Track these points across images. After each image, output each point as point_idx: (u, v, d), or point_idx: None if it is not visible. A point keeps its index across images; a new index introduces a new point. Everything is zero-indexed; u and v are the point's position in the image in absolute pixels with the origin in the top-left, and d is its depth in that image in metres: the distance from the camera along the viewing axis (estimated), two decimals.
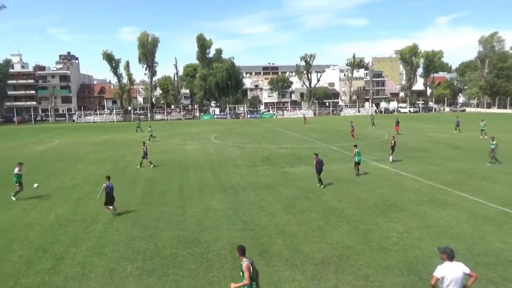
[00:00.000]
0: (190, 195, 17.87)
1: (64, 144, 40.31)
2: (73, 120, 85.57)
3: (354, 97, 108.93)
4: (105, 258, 10.96)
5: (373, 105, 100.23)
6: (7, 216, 15.11)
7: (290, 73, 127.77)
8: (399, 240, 11.84)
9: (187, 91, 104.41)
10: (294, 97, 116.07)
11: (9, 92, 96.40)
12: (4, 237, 12.85)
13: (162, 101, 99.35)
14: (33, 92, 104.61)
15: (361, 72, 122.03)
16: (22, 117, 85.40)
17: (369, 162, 25.23)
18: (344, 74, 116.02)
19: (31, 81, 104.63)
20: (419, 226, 12.96)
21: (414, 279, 9.39)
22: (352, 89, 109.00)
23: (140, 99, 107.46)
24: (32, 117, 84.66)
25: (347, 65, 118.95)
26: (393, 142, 25.59)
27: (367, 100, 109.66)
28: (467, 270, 6.58)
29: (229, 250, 11.31)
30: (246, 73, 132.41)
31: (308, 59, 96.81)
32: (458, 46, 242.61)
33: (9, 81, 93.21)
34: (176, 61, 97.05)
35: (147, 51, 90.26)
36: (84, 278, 9.80)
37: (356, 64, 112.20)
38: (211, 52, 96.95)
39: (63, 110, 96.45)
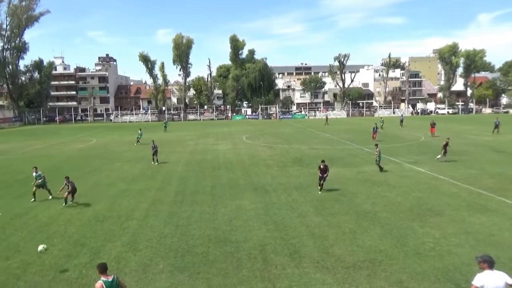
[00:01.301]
0: (222, 194, 18.05)
1: (102, 143, 41.83)
2: (111, 120, 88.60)
3: (389, 97, 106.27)
4: (139, 254, 11.25)
5: (409, 106, 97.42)
6: (49, 211, 15.84)
7: (323, 74, 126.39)
8: (435, 245, 11.41)
9: (220, 91, 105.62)
10: (327, 98, 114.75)
11: (52, 93, 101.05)
12: (46, 231, 13.48)
13: (195, 102, 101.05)
14: (73, 92, 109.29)
15: (397, 72, 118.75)
16: (63, 116, 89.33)
17: (404, 164, 24.53)
18: (379, 74, 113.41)
19: (72, 82, 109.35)
20: (456, 232, 12.44)
21: (450, 287, 9.02)
22: (387, 89, 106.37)
23: (174, 100, 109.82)
24: (73, 117, 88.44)
25: (382, 65, 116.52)
26: (446, 142, 25.32)
27: (403, 101, 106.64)
28: (510, 281, 6.23)
29: (259, 250, 11.33)
30: (279, 74, 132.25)
31: (342, 59, 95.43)
32: (502, 45, 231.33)
33: (52, 82, 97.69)
34: (209, 62, 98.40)
35: (182, 52, 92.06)
36: (119, 272, 10.09)
37: (392, 64, 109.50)
38: (244, 53, 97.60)
39: (101, 110, 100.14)
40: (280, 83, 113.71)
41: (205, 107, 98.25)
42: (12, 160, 30.61)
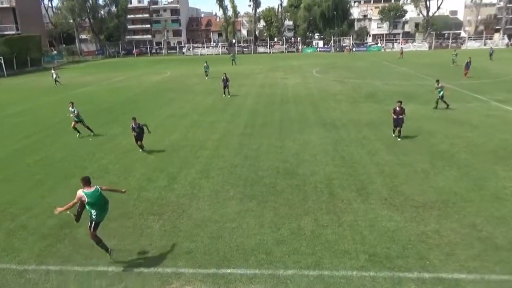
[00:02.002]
0: (290, 128, 18.11)
1: (175, 75, 43.39)
2: (183, 53, 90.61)
3: (481, 27, 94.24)
4: (211, 181, 11.99)
5: (505, 36, 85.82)
6: (131, 139, 17.18)
7: (405, 1, 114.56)
8: None
9: (291, 23, 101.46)
10: (407, 28, 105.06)
11: (128, 26, 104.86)
12: (129, 156, 14.81)
13: (265, 34, 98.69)
14: (148, 26, 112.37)
15: None
16: (140, 49, 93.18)
17: (491, 102, 22.31)
18: (471, 0, 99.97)
19: (146, 15, 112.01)
20: None
21: None
22: (479, 17, 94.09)
23: (244, 32, 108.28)
24: (148, 50, 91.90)
25: None
26: None
27: (497, 30, 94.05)
28: None
29: (325, 184, 11.43)
30: (354, 2, 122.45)
31: None
32: None
33: (128, 16, 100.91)
34: None
35: None
36: (193, 196, 10.94)
37: None
38: None
39: (174, 43, 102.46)
40: (355, 12, 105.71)
41: (275, 39, 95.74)
42: (97, 91, 33.21)
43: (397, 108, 15.28)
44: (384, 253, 7.91)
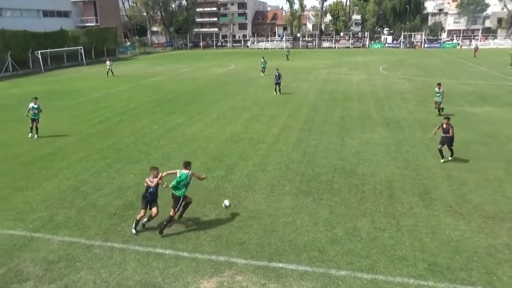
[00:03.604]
0: (351, 126, 17.62)
1: (239, 68, 44.09)
2: (247, 46, 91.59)
3: None
4: (268, 175, 12.07)
5: None
6: (193, 129, 17.88)
7: None
8: None
9: (359, 17, 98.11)
10: (488, 24, 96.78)
11: (197, 20, 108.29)
12: (191, 145, 15.37)
13: (331, 28, 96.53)
14: (215, 19, 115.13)
15: None
16: (206, 42, 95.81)
17: None
18: None
19: (214, 8, 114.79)
20: None
21: None
22: None
23: (309, 26, 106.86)
24: (214, 43, 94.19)
25: None
26: None
27: None
28: None
29: (385, 186, 10.99)
30: None
31: None
32: None
33: (197, 9, 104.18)
34: None
35: None
36: (249, 189, 11.09)
37: None
38: None
39: (239, 37, 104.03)
40: (430, 6, 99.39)
41: (341, 34, 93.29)
42: (165, 81, 34.80)
43: (444, 126, 12.87)
44: (446, 264, 7.43)
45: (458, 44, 77.47)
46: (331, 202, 10.12)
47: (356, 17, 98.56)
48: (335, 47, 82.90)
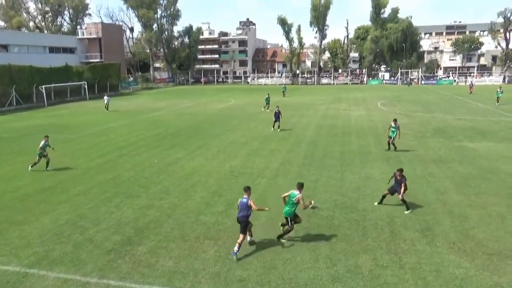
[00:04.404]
0: (351, 161, 17.65)
1: (239, 104, 44.71)
2: (248, 82, 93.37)
3: None
4: (266, 210, 11.92)
5: None
6: (193, 163, 17.90)
7: (481, 33, 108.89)
8: None
9: (356, 54, 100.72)
10: (483, 61, 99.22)
11: (198, 56, 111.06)
12: (191, 179, 15.33)
13: (329, 65, 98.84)
14: (216, 56, 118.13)
15: None
16: (207, 78, 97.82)
17: None
18: None
19: (216, 46, 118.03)
20: None
21: None
22: None
23: (308, 63, 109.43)
24: (215, 79, 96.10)
25: None
26: None
27: None
28: None
29: (387, 222, 10.87)
30: (425, 34, 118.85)
31: (509, 14, 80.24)
32: None
33: (199, 46, 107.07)
34: (347, 23, 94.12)
35: (319, 14, 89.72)
36: None
37: None
38: (386, 12, 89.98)
39: (239, 73, 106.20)
40: (425, 44, 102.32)
41: (340, 70, 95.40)
42: (166, 116, 35.20)
43: (398, 177, 11.87)
44: None
45: (455, 80, 79.05)
46: (331, 238, 9.97)
47: (354, 54, 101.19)
48: (333, 84, 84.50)
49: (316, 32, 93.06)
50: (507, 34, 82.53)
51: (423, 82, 78.56)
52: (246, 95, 58.12)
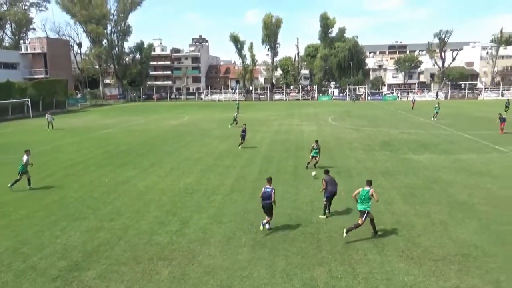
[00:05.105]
0: (304, 175, 18.01)
1: (193, 120, 44.35)
2: (201, 99, 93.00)
3: (498, 78, 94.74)
4: (223, 227, 11.85)
5: None
6: (146, 181, 17.40)
7: (420, 52, 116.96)
8: None
9: (307, 71, 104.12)
10: (422, 78, 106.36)
11: (150, 72, 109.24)
12: (143, 198, 14.87)
13: (281, 82, 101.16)
14: (169, 72, 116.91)
15: (509, 50, 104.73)
16: (159, 94, 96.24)
17: (510, 153, 21.89)
18: (487, 52, 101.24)
19: (168, 62, 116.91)
20: None
21: None
22: (495, 69, 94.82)
23: (261, 79, 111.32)
24: (168, 95, 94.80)
25: (491, 41, 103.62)
26: None
27: None
28: None
29: (340, 234, 11.13)
30: (370, 53, 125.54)
31: (443, 36, 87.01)
32: None
33: (151, 63, 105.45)
34: (297, 41, 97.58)
35: (271, 32, 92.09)
36: (204, 242, 10.79)
37: (504, 40, 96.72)
38: (334, 31, 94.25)
39: (193, 89, 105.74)
40: (370, 62, 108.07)
41: (291, 87, 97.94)
42: (117, 133, 34.09)
43: (325, 179, 12.75)
44: None
45: (398, 96, 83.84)
46: (287, 253, 10.05)
47: (305, 71, 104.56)
48: (286, 100, 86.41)
49: (268, 49, 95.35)
50: (443, 53, 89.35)
51: (369, 98, 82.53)
52: (200, 111, 57.85)
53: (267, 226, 11.35)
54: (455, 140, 26.77)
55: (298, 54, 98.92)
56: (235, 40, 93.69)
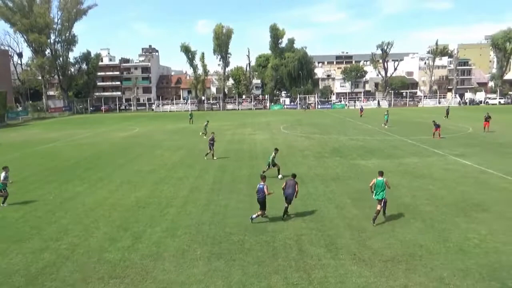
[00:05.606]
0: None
1: (144, 132, 43.22)
2: (152, 109, 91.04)
3: (435, 87, 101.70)
4: (177, 240, 11.59)
5: (456, 95, 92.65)
6: (95, 197, 16.65)
7: (365, 62, 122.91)
8: (480, 242, 10.89)
9: (259, 81, 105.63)
10: (368, 87, 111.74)
11: (98, 83, 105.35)
12: (92, 215, 14.19)
13: (234, 91, 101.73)
14: (118, 83, 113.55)
15: (444, 60, 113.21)
16: (108, 106, 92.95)
17: (449, 157, 23.49)
18: (425, 63, 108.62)
19: (117, 72, 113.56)
20: (505, 229, 11.78)
21: (495, 286, 8.59)
22: (433, 78, 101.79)
23: (213, 89, 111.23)
24: (117, 106, 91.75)
25: (428, 52, 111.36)
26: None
27: (450, 90, 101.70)
28: None
29: (295, 240, 11.31)
30: (318, 63, 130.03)
31: (385, 47, 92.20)
32: None
33: (99, 73, 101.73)
34: (248, 51, 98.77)
35: (222, 42, 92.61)
36: (158, 257, 10.48)
37: (439, 51, 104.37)
38: (284, 42, 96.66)
39: (143, 100, 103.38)
40: (319, 72, 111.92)
41: (244, 96, 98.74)
42: (63, 147, 32.39)
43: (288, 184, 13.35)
44: None
45: (346, 105, 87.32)
46: (243, 263, 10.03)
47: (257, 81, 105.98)
48: (238, 109, 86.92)
49: (220, 59, 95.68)
50: (385, 64, 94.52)
51: (319, 106, 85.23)
52: (151, 122, 56.54)
53: (253, 216, 12.78)
54: (398, 145, 28.27)
55: (249, 64, 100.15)
56: (186, 50, 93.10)
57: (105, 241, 11.62)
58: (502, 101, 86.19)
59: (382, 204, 12.51)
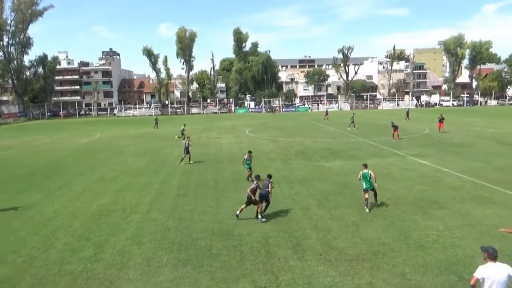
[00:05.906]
0: (225, 187, 18.07)
1: (106, 137, 41.97)
2: (114, 114, 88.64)
3: (393, 90, 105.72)
4: (143, 248, 11.32)
5: (413, 98, 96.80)
6: (54, 206, 15.94)
7: (327, 66, 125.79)
8: (438, 238, 11.41)
9: (223, 85, 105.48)
10: (330, 90, 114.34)
11: (56, 88, 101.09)
12: (51, 225, 13.57)
13: (198, 95, 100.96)
14: (77, 87, 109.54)
15: (401, 65, 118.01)
16: (67, 111, 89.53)
17: (407, 157, 24.45)
18: (383, 67, 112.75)
19: (76, 76, 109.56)
20: (460, 225, 12.42)
21: (453, 279, 9.02)
22: (391, 82, 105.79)
23: (177, 93, 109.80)
24: (77, 111, 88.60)
25: (386, 57, 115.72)
26: None
27: (407, 93, 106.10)
28: None
29: (262, 243, 11.36)
30: (282, 67, 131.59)
31: (346, 52, 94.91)
32: (507, 36, 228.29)
33: (56, 77, 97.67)
34: (212, 55, 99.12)
35: (185, 46, 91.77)
36: (123, 266, 10.19)
37: (396, 56, 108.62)
38: (247, 46, 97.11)
39: (104, 105, 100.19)
40: (283, 76, 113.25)
41: (208, 100, 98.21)
42: (18, 155, 30.83)
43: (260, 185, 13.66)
44: None
45: (309, 108, 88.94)
46: (211, 268, 9.94)
47: (221, 85, 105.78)
48: (203, 113, 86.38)
49: (183, 63, 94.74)
50: (346, 68, 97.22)
51: (284, 109, 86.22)
52: (113, 127, 55.00)
53: (260, 217, 13.20)
54: (360, 147, 29.13)
55: (213, 68, 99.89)
56: (148, 53, 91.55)
57: (66, 252, 11.16)
58: (455, 103, 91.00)
59: (370, 193, 14.04)
